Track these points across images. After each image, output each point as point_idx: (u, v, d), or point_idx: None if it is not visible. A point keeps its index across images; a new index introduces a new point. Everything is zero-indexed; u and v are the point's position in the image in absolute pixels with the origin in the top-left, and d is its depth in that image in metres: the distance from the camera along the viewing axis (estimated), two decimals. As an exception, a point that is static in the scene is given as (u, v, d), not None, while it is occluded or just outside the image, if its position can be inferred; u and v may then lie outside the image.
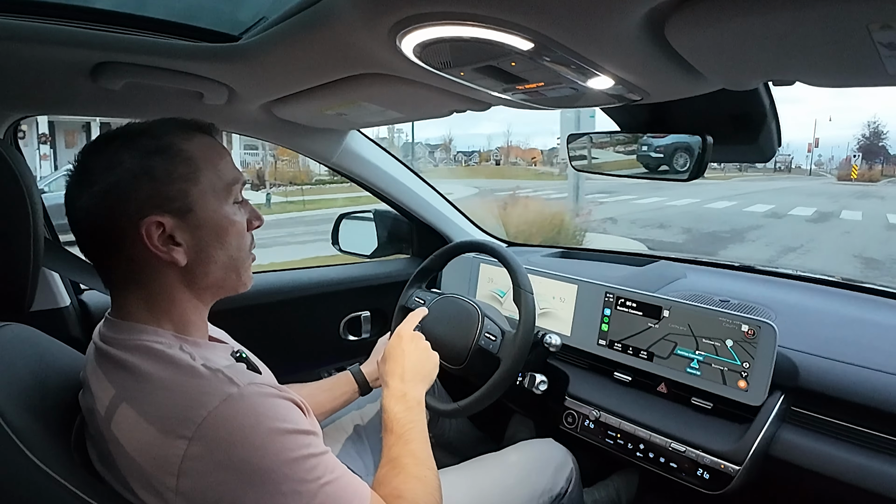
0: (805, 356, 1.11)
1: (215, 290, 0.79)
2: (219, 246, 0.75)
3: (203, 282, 0.76)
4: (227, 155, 0.78)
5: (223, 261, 0.76)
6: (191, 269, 0.73)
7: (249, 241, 0.81)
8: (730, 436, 1.09)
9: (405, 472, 0.82)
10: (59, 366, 0.84)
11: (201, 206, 0.72)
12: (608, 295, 1.36)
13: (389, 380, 1.00)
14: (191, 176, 0.71)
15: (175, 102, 1.17)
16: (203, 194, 0.72)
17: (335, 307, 1.83)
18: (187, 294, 0.75)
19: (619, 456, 1.24)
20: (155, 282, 0.73)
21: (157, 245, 0.69)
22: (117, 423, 0.66)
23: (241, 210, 0.79)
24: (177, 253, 0.71)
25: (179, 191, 0.70)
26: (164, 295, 0.74)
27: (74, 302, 1.38)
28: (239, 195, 0.79)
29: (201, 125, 0.77)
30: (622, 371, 1.32)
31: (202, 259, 0.74)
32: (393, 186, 1.80)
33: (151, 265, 0.71)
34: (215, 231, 0.74)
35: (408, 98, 1.07)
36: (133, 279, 0.72)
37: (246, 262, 0.80)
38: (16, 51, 0.89)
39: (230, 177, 0.76)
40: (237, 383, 0.66)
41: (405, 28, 0.66)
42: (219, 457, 0.61)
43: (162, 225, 0.69)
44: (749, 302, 1.33)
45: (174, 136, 0.72)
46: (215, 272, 0.76)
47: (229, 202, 0.76)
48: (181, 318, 0.75)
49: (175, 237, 0.71)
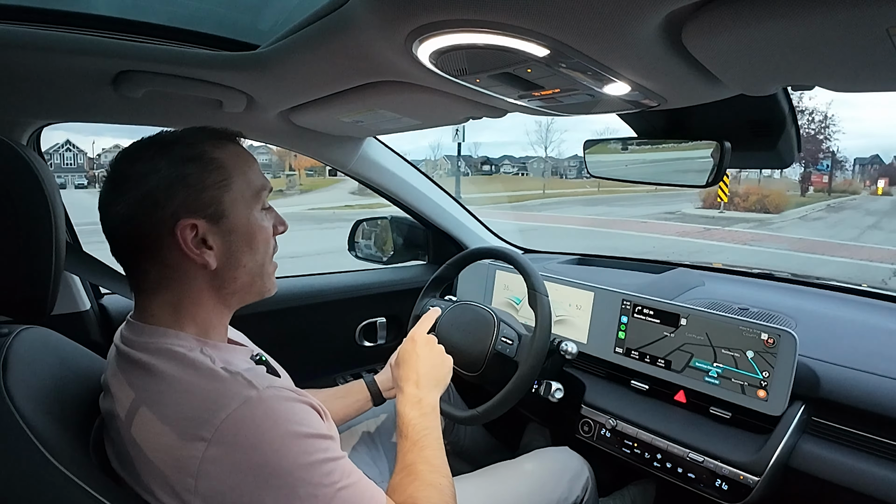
0: (826, 366, 1.09)
1: (242, 295, 0.80)
2: (248, 251, 0.77)
3: (231, 286, 0.77)
4: (255, 162, 0.79)
5: (251, 266, 0.78)
6: (220, 274, 0.75)
7: (273, 247, 0.83)
8: (749, 446, 1.07)
9: (420, 479, 0.82)
10: (78, 369, 0.85)
11: (233, 212, 0.74)
12: (625, 302, 1.35)
13: (404, 385, 1.00)
14: (223, 183, 0.73)
15: (195, 110, 1.19)
16: (234, 201, 0.74)
17: (351, 313, 1.84)
18: (214, 298, 0.77)
19: (635, 465, 1.22)
20: (185, 285, 0.74)
21: (191, 247, 0.71)
22: (137, 426, 0.66)
23: (267, 216, 0.81)
24: (208, 256, 0.72)
25: (212, 197, 0.72)
26: (192, 299, 0.75)
27: (95, 306, 1.40)
28: (266, 201, 0.80)
29: (231, 133, 0.79)
30: (639, 379, 1.31)
31: (231, 264, 0.75)
32: (409, 193, 1.81)
33: (183, 268, 0.73)
34: (245, 236, 0.76)
35: (424, 105, 1.08)
36: (164, 283, 0.74)
37: (270, 268, 0.82)
38: (40, 60, 0.91)
39: (258, 184, 0.78)
40: (256, 386, 0.66)
41: (421, 35, 0.67)
42: (237, 459, 0.62)
43: (196, 227, 0.71)
44: (769, 310, 1.32)
45: (206, 145, 0.74)
46: (243, 277, 0.77)
47: (258, 208, 0.78)
48: (204, 321, 0.77)
49: (207, 240, 0.72)
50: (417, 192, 1.82)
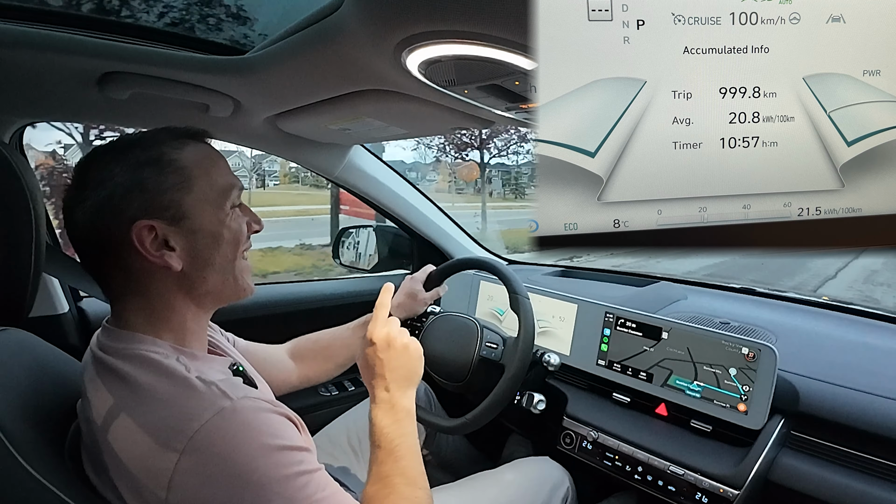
0: (806, 380, 1.10)
1: (215, 297, 0.79)
2: (215, 250, 0.75)
3: (201, 287, 0.76)
4: (220, 161, 0.78)
5: (220, 265, 0.76)
6: (188, 275, 0.73)
7: (245, 245, 0.81)
8: (729, 459, 1.08)
9: (395, 492, 0.78)
10: (56, 373, 0.84)
11: (195, 213, 0.73)
12: (608, 315, 1.35)
13: (374, 391, 0.91)
14: (183, 185, 0.72)
15: (181, 113, 1.18)
16: (197, 202, 0.73)
17: (336, 320, 1.81)
18: (187, 301, 0.75)
19: (616, 478, 1.22)
20: (153, 289, 0.73)
21: (150, 250, 0.69)
22: (113, 433, 0.65)
23: (238, 214, 0.79)
24: (170, 258, 0.71)
25: (172, 200, 0.71)
26: (163, 303, 0.74)
27: (73, 309, 1.38)
28: (236, 200, 0.79)
29: (193, 132, 0.78)
30: (621, 392, 1.31)
31: (198, 264, 0.74)
32: (395, 202, 1.81)
33: (147, 272, 0.71)
34: (211, 236, 0.74)
35: (411, 114, 1.08)
36: (131, 288, 0.72)
37: (243, 267, 0.80)
38: (24, 57, 0.90)
39: (224, 182, 0.77)
40: (231, 397, 0.65)
41: (410, 45, 0.67)
42: (209, 471, 0.61)
43: (154, 230, 0.69)
44: (750, 324, 1.33)
45: (165, 147, 0.73)
46: (212, 277, 0.76)
47: (225, 208, 0.76)
48: (181, 326, 0.75)
49: (169, 242, 0.71)
50: (403, 201, 1.83)
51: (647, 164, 0.50)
